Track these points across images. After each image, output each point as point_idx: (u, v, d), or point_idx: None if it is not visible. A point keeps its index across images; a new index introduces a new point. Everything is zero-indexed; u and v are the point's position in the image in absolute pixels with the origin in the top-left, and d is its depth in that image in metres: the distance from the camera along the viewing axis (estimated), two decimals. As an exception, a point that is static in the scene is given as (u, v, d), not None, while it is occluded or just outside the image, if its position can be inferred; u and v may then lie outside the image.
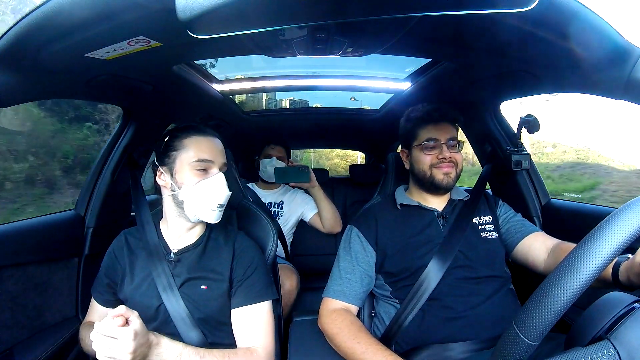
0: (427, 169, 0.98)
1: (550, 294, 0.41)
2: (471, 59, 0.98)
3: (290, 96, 2.02)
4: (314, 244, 1.97)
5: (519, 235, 0.96)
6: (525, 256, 0.94)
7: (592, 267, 0.40)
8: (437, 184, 0.97)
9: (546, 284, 0.43)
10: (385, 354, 0.78)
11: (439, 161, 0.97)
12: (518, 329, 0.43)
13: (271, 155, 1.77)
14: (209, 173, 0.84)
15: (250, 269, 0.88)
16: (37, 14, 0.60)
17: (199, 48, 0.91)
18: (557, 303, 0.41)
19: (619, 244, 0.40)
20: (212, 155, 0.84)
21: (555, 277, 0.42)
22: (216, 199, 0.84)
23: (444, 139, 0.98)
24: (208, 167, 0.84)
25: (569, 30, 0.63)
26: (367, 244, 0.98)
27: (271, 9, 0.49)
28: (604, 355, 0.41)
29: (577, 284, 0.40)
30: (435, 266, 0.89)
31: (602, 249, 0.40)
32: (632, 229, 0.40)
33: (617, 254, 0.40)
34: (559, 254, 0.85)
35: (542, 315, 0.41)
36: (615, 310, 0.44)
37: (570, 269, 0.41)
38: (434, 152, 0.98)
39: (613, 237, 0.40)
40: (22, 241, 1.00)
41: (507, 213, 1.03)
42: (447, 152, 0.97)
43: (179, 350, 0.73)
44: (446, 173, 0.97)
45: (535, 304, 0.42)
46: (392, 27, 0.74)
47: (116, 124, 1.30)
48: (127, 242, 0.91)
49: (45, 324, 1.06)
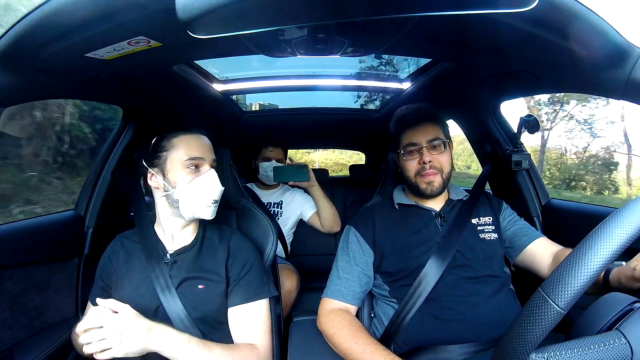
0: (412, 177, 0.98)
1: (584, 258, 0.41)
2: (471, 59, 0.98)
3: (290, 97, 2.01)
4: (314, 244, 1.97)
5: (525, 241, 0.97)
6: (532, 261, 0.95)
7: (624, 234, 0.40)
8: (422, 192, 0.97)
9: (579, 248, 0.42)
10: (383, 354, 0.78)
11: (421, 167, 0.95)
12: (547, 294, 0.42)
13: (270, 158, 1.76)
14: (200, 170, 0.85)
15: (246, 267, 0.88)
16: (37, 14, 0.60)
17: (199, 48, 0.91)
18: (591, 267, 0.40)
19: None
20: (202, 152, 0.86)
21: (589, 242, 0.42)
22: (211, 195, 0.85)
23: (424, 141, 0.96)
24: (199, 165, 0.85)
25: (569, 30, 0.63)
26: (365, 244, 0.98)
27: (271, 9, 0.49)
28: (615, 342, 0.41)
29: (610, 249, 0.40)
30: (434, 265, 0.89)
31: (637, 218, 0.41)
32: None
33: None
34: (561, 259, 0.85)
35: (574, 280, 0.40)
36: (617, 308, 0.44)
37: (603, 235, 0.41)
38: (416, 157, 0.97)
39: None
40: (22, 241, 1.00)
41: (512, 216, 1.03)
42: (428, 155, 0.95)
43: (186, 340, 0.75)
44: (429, 182, 0.95)
45: (567, 269, 0.42)
46: (392, 27, 0.74)
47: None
48: (122, 245, 0.92)
49: (45, 324, 1.06)
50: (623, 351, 0.40)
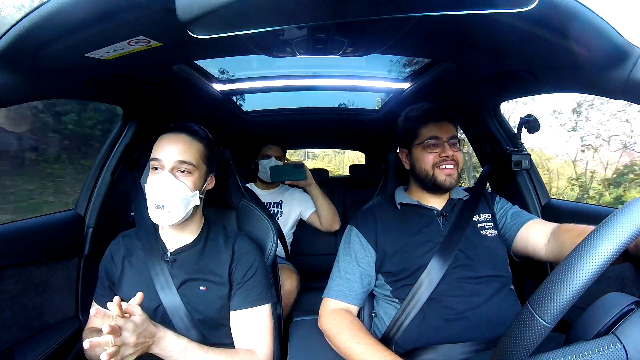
0: (430, 169, 0.98)
1: (569, 273, 0.41)
2: (471, 59, 0.98)
3: (290, 96, 2.01)
4: (314, 244, 1.97)
5: (516, 226, 0.96)
6: (525, 245, 0.93)
7: (613, 245, 0.40)
8: (439, 184, 0.97)
9: (565, 263, 0.42)
10: (384, 354, 0.78)
11: (442, 160, 0.97)
12: (533, 310, 0.42)
13: (269, 156, 1.76)
14: (158, 172, 0.82)
15: (250, 271, 0.87)
16: (37, 14, 0.60)
17: (199, 48, 0.91)
18: (576, 283, 0.40)
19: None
20: (162, 154, 0.82)
21: (574, 256, 0.42)
22: (153, 199, 0.81)
23: (445, 137, 0.98)
24: (160, 166, 0.82)
25: (569, 30, 0.63)
26: (367, 244, 0.98)
27: (271, 9, 0.49)
28: (610, 348, 0.41)
29: (597, 263, 0.40)
30: (436, 265, 0.88)
31: (624, 230, 0.40)
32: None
33: (637, 235, 0.40)
34: (560, 235, 0.83)
35: (560, 295, 0.41)
36: (616, 309, 0.44)
37: (590, 248, 0.41)
38: (436, 150, 0.98)
39: (636, 218, 0.40)
40: (22, 241, 1.00)
41: (504, 207, 1.03)
42: (449, 150, 0.97)
43: (184, 345, 0.74)
44: (449, 174, 0.97)
45: (552, 284, 0.42)
46: (392, 27, 0.74)
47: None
48: (124, 244, 0.92)
49: (45, 324, 1.06)
50: (618, 356, 0.40)
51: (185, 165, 0.82)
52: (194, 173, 0.84)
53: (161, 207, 0.80)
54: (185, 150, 0.83)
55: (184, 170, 0.83)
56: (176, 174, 0.82)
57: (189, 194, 0.82)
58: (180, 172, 0.82)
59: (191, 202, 0.83)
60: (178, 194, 0.81)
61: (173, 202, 0.81)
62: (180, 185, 0.81)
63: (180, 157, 0.82)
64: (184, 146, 0.83)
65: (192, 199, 0.84)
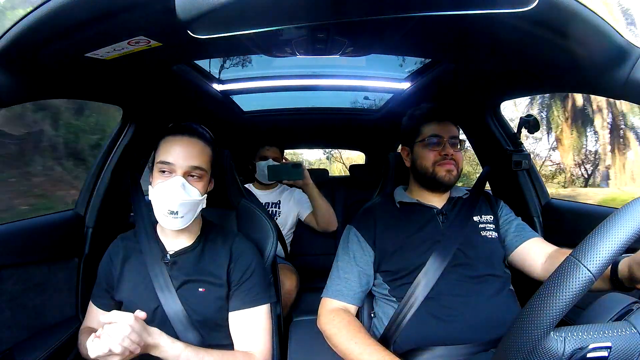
0: (430, 166, 0.99)
1: (616, 226, 0.42)
2: (471, 59, 0.98)
3: (290, 96, 2.01)
4: (313, 243, 1.97)
5: (519, 239, 0.97)
6: (523, 261, 0.95)
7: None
8: (439, 180, 0.98)
9: (613, 218, 0.43)
10: (382, 354, 0.78)
11: (442, 158, 0.98)
12: (578, 259, 0.42)
13: (267, 157, 1.76)
14: (169, 176, 0.80)
15: (248, 272, 0.87)
16: (37, 13, 0.60)
17: (199, 48, 0.91)
18: (623, 234, 0.41)
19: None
20: (174, 158, 0.79)
21: (623, 211, 0.43)
22: (165, 205, 0.78)
23: (447, 136, 0.99)
24: (170, 170, 0.80)
25: (569, 30, 0.63)
26: (366, 244, 0.98)
27: (271, 9, 0.49)
28: (627, 330, 0.42)
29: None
30: (434, 264, 0.89)
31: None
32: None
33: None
34: (558, 257, 0.85)
35: (607, 244, 0.41)
36: (616, 309, 0.44)
37: (635, 209, 0.42)
38: (437, 148, 0.99)
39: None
40: (22, 241, 1.00)
41: (508, 215, 1.04)
42: (450, 149, 0.98)
43: (179, 351, 0.73)
44: (448, 170, 0.97)
45: (600, 234, 0.42)
46: (392, 27, 0.74)
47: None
48: (123, 245, 0.91)
49: (45, 324, 1.06)
50: (635, 340, 0.41)
51: (198, 170, 0.81)
52: (204, 178, 0.83)
53: (174, 212, 0.78)
54: (198, 155, 0.81)
55: (195, 175, 0.81)
56: (188, 178, 0.81)
57: (199, 199, 0.82)
58: (191, 176, 0.81)
59: (200, 206, 0.84)
60: (192, 200, 0.80)
61: (186, 208, 0.79)
62: (194, 191, 0.81)
63: (194, 163, 0.80)
64: (197, 151, 0.82)
65: (201, 203, 0.84)
